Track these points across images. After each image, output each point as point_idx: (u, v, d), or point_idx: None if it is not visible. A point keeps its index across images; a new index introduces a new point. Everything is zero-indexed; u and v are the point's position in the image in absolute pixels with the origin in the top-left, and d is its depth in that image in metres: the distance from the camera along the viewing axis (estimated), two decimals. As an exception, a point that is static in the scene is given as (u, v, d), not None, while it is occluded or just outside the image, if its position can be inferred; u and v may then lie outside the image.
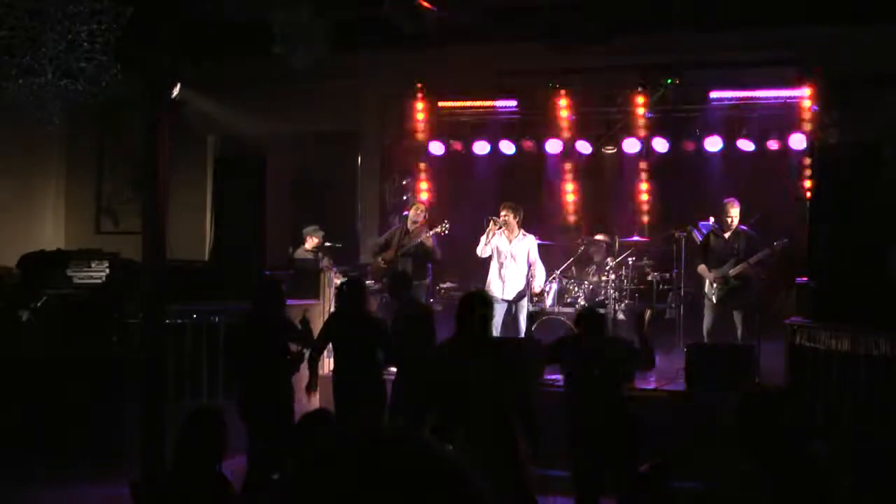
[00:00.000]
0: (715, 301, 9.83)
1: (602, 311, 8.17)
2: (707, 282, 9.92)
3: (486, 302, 6.22)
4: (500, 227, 10.13)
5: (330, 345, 7.80)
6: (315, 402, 9.52)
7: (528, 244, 10.22)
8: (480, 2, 10.85)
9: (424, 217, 10.60)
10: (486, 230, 10.18)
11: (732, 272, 9.69)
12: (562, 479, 6.55)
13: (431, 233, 10.37)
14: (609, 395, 6.46)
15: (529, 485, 4.54)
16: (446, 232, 10.42)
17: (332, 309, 10.05)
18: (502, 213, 10.12)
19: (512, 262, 10.16)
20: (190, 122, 11.99)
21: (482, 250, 10.20)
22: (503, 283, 10.12)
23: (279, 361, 7.17)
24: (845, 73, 10.46)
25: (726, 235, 9.86)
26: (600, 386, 6.43)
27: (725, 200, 9.85)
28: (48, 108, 8.34)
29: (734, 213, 9.77)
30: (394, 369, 7.88)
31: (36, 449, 8.30)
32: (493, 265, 10.26)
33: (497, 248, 10.20)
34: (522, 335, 9.96)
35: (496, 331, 10.09)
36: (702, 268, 9.97)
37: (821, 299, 7.90)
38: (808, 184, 9.83)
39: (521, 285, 10.21)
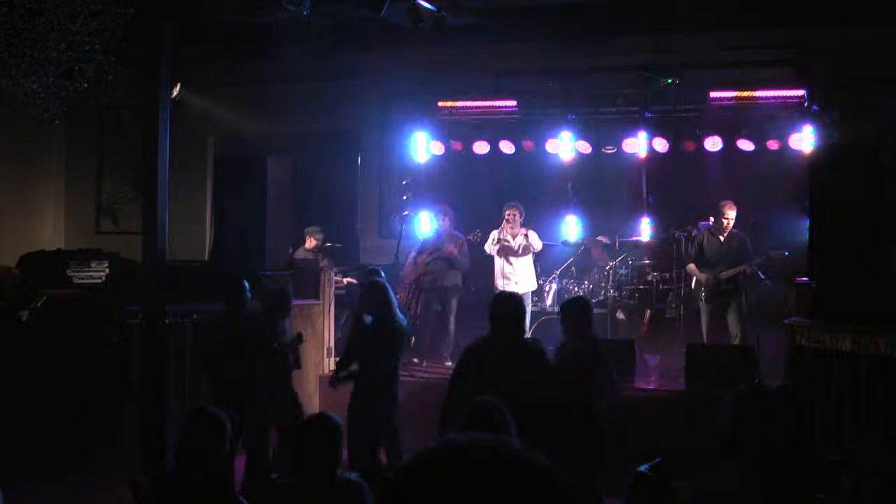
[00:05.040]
0: (703, 301, 9.85)
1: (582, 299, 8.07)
2: (695, 281, 9.93)
3: None
4: (511, 227, 10.29)
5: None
6: (315, 403, 9.54)
7: (530, 239, 10.36)
8: (480, 2, 10.84)
9: (449, 223, 10.62)
10: (500, 229, 10.30)
11: (724, 275, 9.70)
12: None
13: (465, 239, 10.44)
14: (579, 400, 6.46)
15: None
16: (479, 240, 10.52)
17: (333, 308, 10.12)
18: (507, 212, 10.26)
19: (516, 260, 10.27)
20: (190, 122, 11.99)
21: (490, 248, 10.34)
22: (507, 282, 10.21)
23: (254, 360, 7.16)
24: (845, 73, 10.46)
25: (721, 238, 9.86)
26: (571, 392, 6.45)
27: (722, 202, 9.83)
28: (48, 108, 8.34)
29: (731, 215, 9.75)
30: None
31: (36, 449, 8.30)
32: (497, 264, 10.36)
33: (502, 246, 10.32)
34: (526, 334, 9.98)
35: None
36: (691, 267, 9.98)
37: (821, 299, 7.90)
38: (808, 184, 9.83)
39: (524, 284, 10.31)
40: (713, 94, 10.50)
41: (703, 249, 9.94)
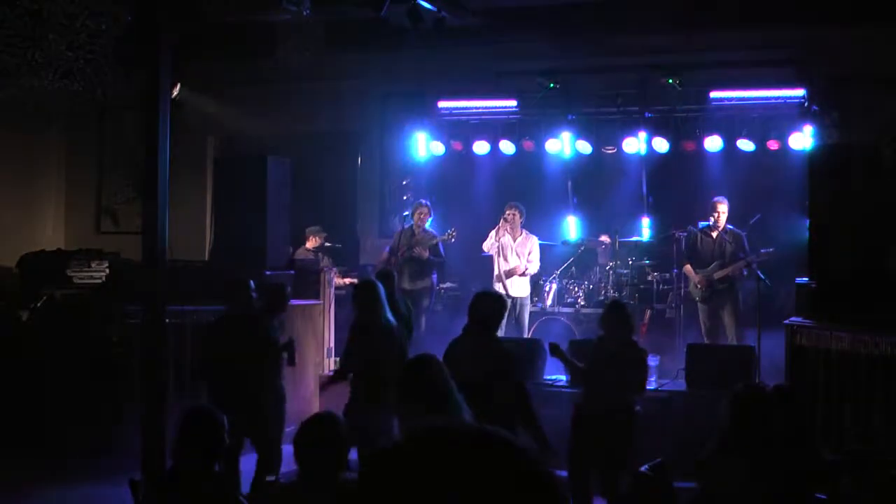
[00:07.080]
0: (699, 301, 9.88)
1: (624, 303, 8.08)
2: (691, 282, 9.95)
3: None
4: (510, 227, 10.29)
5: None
6: (315, 404, 9.54)
7: (530, 244, 10.34)
8: (480, 2, 10.84)
9: (427, 216, 10.61)
10: (497, 227, 10.30)
11: (717, 275, 9.72)
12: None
13: (439, 239, 10.42)
14: (614, 398, 6.45)
15: None
16: (454, 239, 10.49)
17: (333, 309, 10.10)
18: (508, 212, 10.26)
19: (516, 260, 10.28)
20: (190, 122, 11.99)
21: (490, 246, 10.33)
22: (506, 282, 10.20)
23: (259, 358, 7.15)
24: (845, 73, 10.46)
25: (714, 234, 9.90)
26: (607, 387, 6.44)
27: (714, 199, 9.91)
28: (48, 108, 8.35)
29: (721, 211, 9.81)
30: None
31: (36, 449, 8.30)
32: (496, 264, 10.34)
33: (501, 246, 10.30)
34: (526, 334, 9.98)
35: (500, 331, 10.11)
36: (687, 268, 10.01)
37: (821, 299, 7.90)
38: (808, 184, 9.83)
39: (523, 284, 10.28)
40: (713, 94, 10.51)
41: (697, 248, 9.98)
